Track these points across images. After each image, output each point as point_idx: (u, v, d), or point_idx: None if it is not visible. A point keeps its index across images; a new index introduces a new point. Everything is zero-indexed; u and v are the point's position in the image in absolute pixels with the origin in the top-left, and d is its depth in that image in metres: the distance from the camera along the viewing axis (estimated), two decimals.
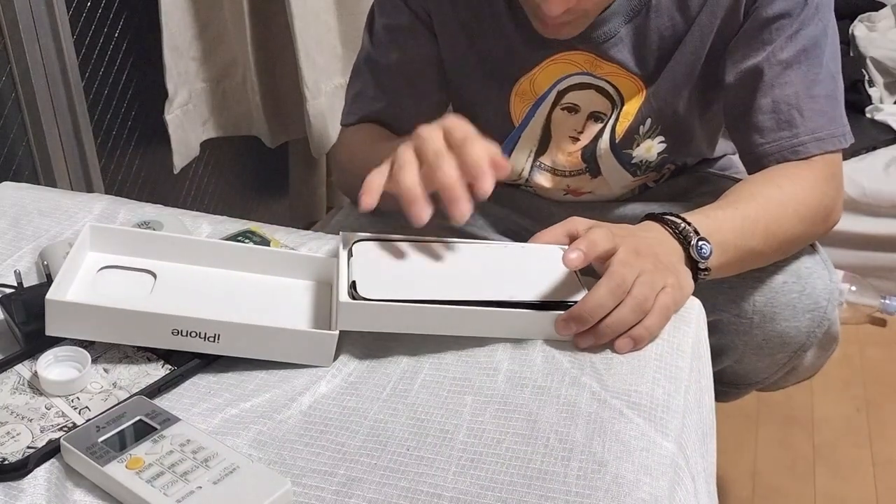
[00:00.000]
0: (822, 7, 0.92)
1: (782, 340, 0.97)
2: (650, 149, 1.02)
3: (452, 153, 0.72)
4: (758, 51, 0.92)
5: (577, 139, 1.02)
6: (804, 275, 0.95)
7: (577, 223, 0.79)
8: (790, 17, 0.90)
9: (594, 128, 1.01)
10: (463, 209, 0.71)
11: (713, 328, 0.98)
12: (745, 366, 1.02)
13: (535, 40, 0.98)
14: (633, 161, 1.03)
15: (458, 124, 0.74)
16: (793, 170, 0.91)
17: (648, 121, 1.00)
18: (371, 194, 0.74)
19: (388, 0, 1.03)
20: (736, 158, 1.19)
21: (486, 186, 0.71)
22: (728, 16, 0.93)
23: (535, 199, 1.12)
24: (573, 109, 1.01)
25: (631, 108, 0.99)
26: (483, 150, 0.72)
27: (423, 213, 0.71)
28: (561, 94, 1.00)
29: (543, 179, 1.06)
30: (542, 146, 1.04)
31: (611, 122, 1.00)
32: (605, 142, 1.01)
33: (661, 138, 1.02)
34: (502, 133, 1.05)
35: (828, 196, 0.92)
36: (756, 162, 0.94)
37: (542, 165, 1.06)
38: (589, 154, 1.03)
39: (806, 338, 0.97)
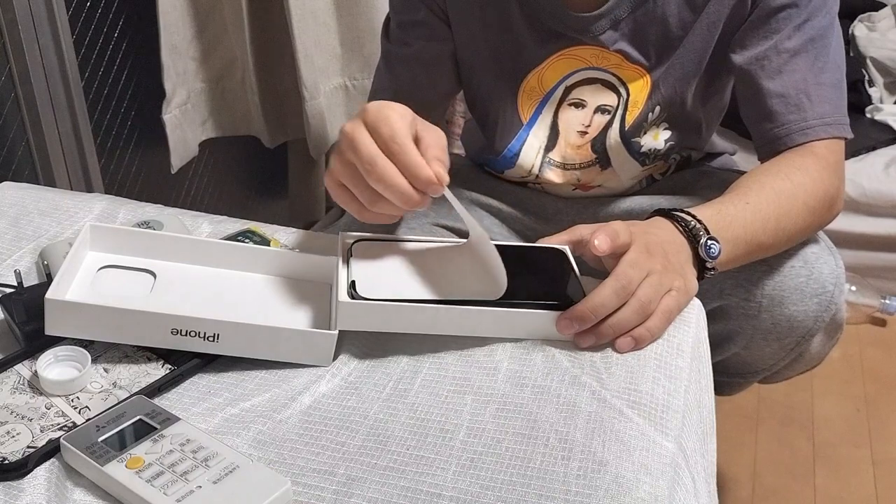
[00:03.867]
0: (830, 1, 0.93)
1: (790, 325, 0.97)
2: (657, 136, 1.03)
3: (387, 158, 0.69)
4: (765, 39, 0.93)
5: (585, 132, 1.03)
6: (811, 259, 0.96)
7: (581, 230, 0.79)
8: (797, 8, 0.92)
9: (601, 120, 1.02)
10: (418, 202, 0.70)
11: (721, 314, 0.99)
12: (752, 352, 1.03)
13: (544, 37, 0.98)
14: (642, 150, 1.04)
15: (380, 120, 0.70)
16: (800, 160, 0.92)
17: (657, 108, 1.01)
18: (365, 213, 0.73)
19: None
20: (735, 158, 1.20)
21: (434, 191, 0.70)
22: (736, 6, 0.94)
23: (540, 197, 1.12)
24: (580, 105, 1.02)
25: (639, 98, 1.00)
26: (417, 159, 0.70)
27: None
28: (568, 89, 1.01)
29: (553, 175, 1.07)
30: (551, 142, 1.05)
31: (619, 112, 1.01)
32: (614, 132, 1.02)
33: (666, 125, 1.03)
34: (511, 129, 1.06)
35: (832, 186, 0.93)
36: (767, 147, 0.95)
37: (552, 161, 1.06)
38: (599, 145, 1.03)
39: (813, 322, 0.97)
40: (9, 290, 0.76)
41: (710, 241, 0.80)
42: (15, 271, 0.78)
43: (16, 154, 1.38)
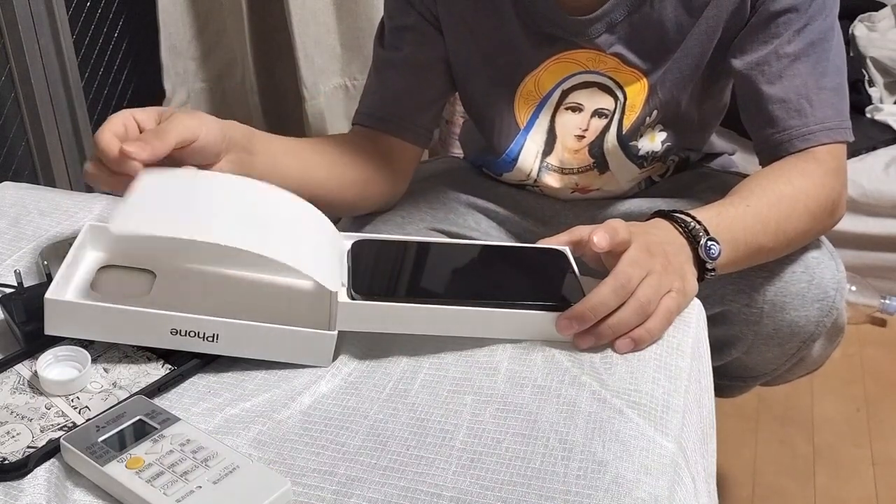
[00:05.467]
0: (829, 3, 0.93)
1: (792, 330, 0.97)
2: (653, 138, 1.03)
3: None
4: (765, 44, 0.93)
5: (583, 136, 1.03)
6: (812, 265, 0.96)
7: (581, 230, 0.79)
8: (797, 12, 0.92)
9: (598, 124, 1.02)
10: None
11: (722, 319, 0.98)
12: (753, 357, 1.02)
13: (539, 41, 0.98)
14: (639, 153, 1.04)
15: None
16: (802, 164, 0.92)
17: (655, 112, 1.00)
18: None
19: (395, 4, 1.03)
20: (735, 158, 1.20)
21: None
22: (736, 10, 0.94)
23: (539, 200, 1.12)
24: (577, 109, 1.02)
25: (636, 101, 1.00)
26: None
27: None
28: (565, 93, 1.01)
29: (551, 179, 1.07)
30: (548, 147, 1.05)
31: (616, 116, 1.01)
32: (612, 135, 1.02)
33: (661, 126, 1.03)
34: (508, 134, 1.05)
35: (835, 190, 0.93)
36: (769, 152, 0.95)
37: (550, 166, 1.06)
38: (596, 149, 1.03)
39: (815, 327, 0.97)
40: (9, 290, 0.76)
41: (710, 242, 0.80)
42: (15, 271, 0.78)
43: (16, 154, 1.38)
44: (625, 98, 1.00)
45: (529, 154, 1.06)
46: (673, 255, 0.77)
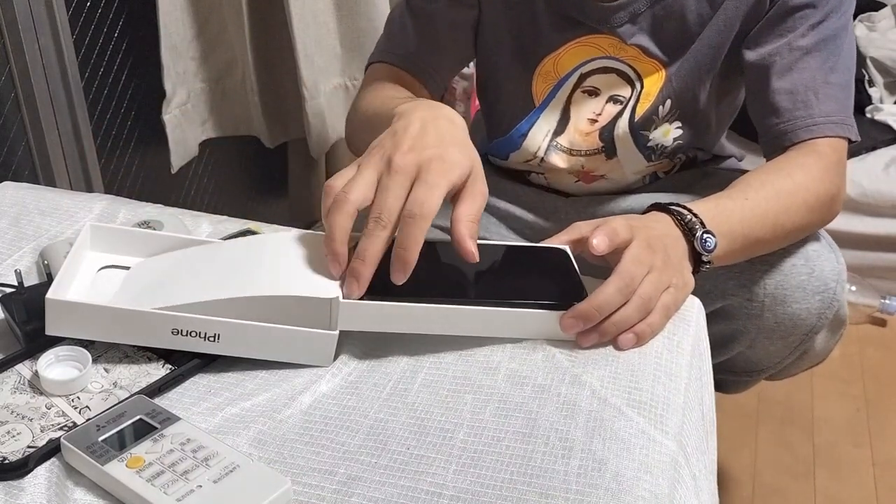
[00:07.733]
0: (845, 3, 0.94)
1: (793, 323, 0.98)
2: (667, 133, 1.03)
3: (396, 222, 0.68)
4: (779, 37, 0.94)
5: (596, 120, 1.03)
6: (812, 257, 0.96)
7: (581, 227, 0.79)
8: (814, 8, 0.93)
9: (612, 110, 1.02)
10: (353, 290, 0.68)
11: (724, 314, 0.99)
12: (757, 351, 1.03)
13: (563, 23, 0.99)
14: (648, 144, 1.04)
15: (425, 197, 0.69)
16: (802, 158, 0.92)
17: (668, 102, 1.01)
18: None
19: None
20: (743, 164, 1.20)
21: (398, 279, 0.68)
22: (755, 4, 0.95)
23: (540, 195, 1.13)
24: (594, 93, 1.02)
25: (652, 90, 1.00)
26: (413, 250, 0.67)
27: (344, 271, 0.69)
28: (583, 76, 1.02)
29: (558, 159, 1.07)
30: (560, 127, 1.05)
31: (631, 103, 1.01)
32: (624, 122, 1.03)
33: (679, 123, 1.03)
34: (522, 111, 1.06)
35: (834, 185, 0.93)
36: (773, 142, 0.95)
37: (559, 146, 1.07)
38: (607, 134, 1.04)
39: (817, 319, 0.98)
40: (9, 290, 0.76)
41: (705, 235, 0.80)
42: (15, 271, 0.78)
43: (16, 154, 1.38)
44: (641, 87, 1.00)
45: (540, 132, 1.06)
46: (671, 249, 0.77)
